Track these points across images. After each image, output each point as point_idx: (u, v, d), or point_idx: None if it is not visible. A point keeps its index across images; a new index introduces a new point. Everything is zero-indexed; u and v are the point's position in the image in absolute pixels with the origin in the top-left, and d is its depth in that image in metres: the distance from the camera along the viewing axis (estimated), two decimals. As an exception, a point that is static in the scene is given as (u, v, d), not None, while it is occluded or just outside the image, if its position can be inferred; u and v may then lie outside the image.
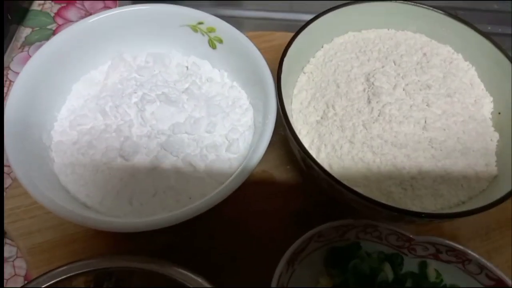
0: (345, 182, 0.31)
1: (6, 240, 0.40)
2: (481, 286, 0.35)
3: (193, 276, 0.32)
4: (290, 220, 0.40)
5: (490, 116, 0.38)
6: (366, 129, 0.34)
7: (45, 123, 0.36)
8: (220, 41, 0.40)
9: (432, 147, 0.34)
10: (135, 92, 0.36)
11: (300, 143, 0.32)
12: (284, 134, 0.45)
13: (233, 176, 0.31)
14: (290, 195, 0.42)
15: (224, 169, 0.35)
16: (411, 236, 0.35)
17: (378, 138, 0.34)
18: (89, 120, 0.36)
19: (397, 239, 0.35)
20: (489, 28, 0.64)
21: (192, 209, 0.29)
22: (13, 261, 0.38)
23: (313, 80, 0.39)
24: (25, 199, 0.39)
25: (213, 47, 0.41)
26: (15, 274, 0.38)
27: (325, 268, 0.36)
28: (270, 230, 0.39)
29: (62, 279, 0.31)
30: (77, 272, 0.31)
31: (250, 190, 0.42)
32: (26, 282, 0.35)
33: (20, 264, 0.38)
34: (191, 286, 0.31)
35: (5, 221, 0.38)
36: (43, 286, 0.31)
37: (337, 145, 0.34)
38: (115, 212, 0.33)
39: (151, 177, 0.34)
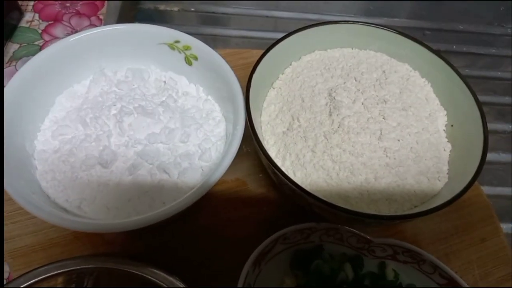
0: (307, 188, 0.33)
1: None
2: (435, 285, 0.37)
3: (167, 276, 0.34)
4: (262, 226, 0.43)
5: (444, 128, 0.42)
6: (327, 140, 0.37)
7: (29, 133, 0.38)
8: (196, 58, 0.43)
9: (386, 156, 0.37)
10: (114, 105, 0.39)
11: (265, 151, 0.35)
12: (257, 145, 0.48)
13: (202, 182, 0.34)
14: (262, 202, 0.44)
15: (197, 176, 0.37)
16: (369, 238, 0.37)
17: (337, 147, 0.37)
18: (70, 131, 0.38)
19: (357, 241, 0.38)
20: (454, 47, 0.69)
21: (164, 212, 0.32)
22: (-6, 265, 0.40)
23: (281, 94, 0.43)
24: (7, 206, 0.41)
25: (189, 63, 0.44)
26: (-4, 278, 0.39)
27: (290, 269, 0.38)
28: (243, 235, 0.41)
29: (40, 279, 0.33)
30: (55, 273, 0.33)
31: (224, 198, 0.44)
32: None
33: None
34: (165, 286, 0.33)
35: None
36: (22, 286, 0.33)
37: (301, 154, 0.37)
38: (92, 216, 0.35)
39: (128, 184, 0.36)
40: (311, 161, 0.37)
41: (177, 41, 0.42)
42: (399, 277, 0.38)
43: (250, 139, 0.41)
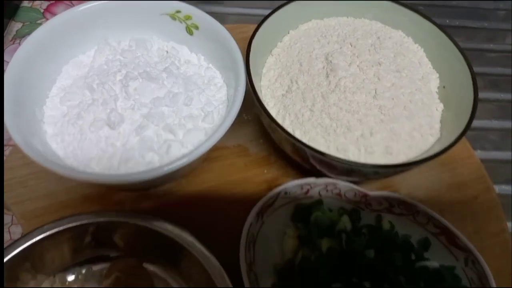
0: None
1: None
2: (429, 235, 0.39)
3: (175, 227, 0.35)
4: (263, 186, 0.45)
5: (437, 90, 0.43)
6: (324, 99, 0.39)
7: (38, 100, 0.40)
8: (196, 28, 0.44)
9: (381, 113, 0.39)
10: (120, 71, 0.40)
11: (266, 110, 0.37)
12: (257, 112, 0.50)
13: (205, 140, 0.35)
14: (263, 165, 0.46)
15: (200, 136, 0.39)
16: (366, 192, 0.39)
17: (334, 106, 0.38)
18: (77, 97, 0.40)
19: (355, 195, 0.40)
20: (447, 21, 0.70)
21: (172, 166, 0.33)
22: (9, 228, 0.42)
23: (280, 60, 0.44)
24: (18, 171, 0.43)
25: (190, 33, 0.45)
26: (11, 239, 0.41)
27: (291, 222, 0.40)
28: (244, 195, 0.43)
29: (54, 232, 0.35)
30: (68, 226, 0.35)
31: (226, 162, 0.46)
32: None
33: (15, 230, 0.42)
34: (177, 239, 0.35)
35: None
36: (36, 239, 0.34)
37: (299, 114, 0.39)
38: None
39: (135, 144, 0.37)
40: (310, 119, 0.38)
41: (178, 11, 0.44)
42: (394, 228, 0.39)
43: (250, 107, 0.43)
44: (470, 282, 0.37)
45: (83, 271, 0.38)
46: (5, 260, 0.33)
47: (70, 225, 0.35)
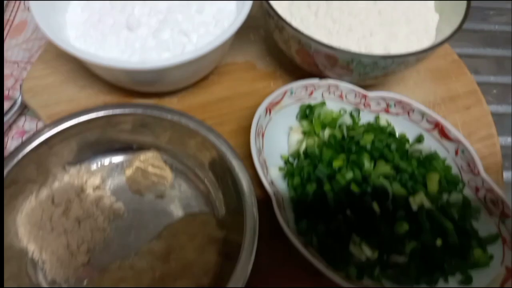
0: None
1: (26, 117, 0.47)
2: (423, 131, 0.42)
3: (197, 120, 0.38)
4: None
5: (433, 4, 0.46)
6: (328, 5, 0.42)
7: (60, 9, 0.43)
8: None
9: (381, 16, 0.41)
10: (135, -17, 0.43)
11: (273, 9, 0.40)
12: (264, 35, 0.53)
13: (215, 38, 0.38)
14: (269, 79, 0.49)
15: (212, 40, 0.42)
16: (365, 93, 0.42)
17: (337, 10, 0.41)
18: (98, 5, 0.43)
19: (355, 96, 0.43)
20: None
21: (186, 56, 0.37)
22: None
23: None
24: (44, 80, 0.46)
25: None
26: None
27: (297, 121, 0.43)
28: (252, 104, 0.46)
29: (82, 122, 0.38)
30: (89, 117, 0.38)
31: (235, 76, 0.49)
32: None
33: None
34: (194, 128, 0.38)
35: (26, 95, 0.45)
36: (71, 123, 0.37)
37: (305, 18, 0.42)
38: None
39: (152, 45, 0.40)
40: (314, 22, 0.41)
41: None
42: (391, 125, 0.43)
43: (257, 28, 0.45)
44: (459, 169, 0.41)
45: (106, 162, 0.41)
46: (33, 147, 0.36)
47: (92, 116, 0.38)
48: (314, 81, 0.42)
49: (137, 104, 0.39)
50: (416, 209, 0.36)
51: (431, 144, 0.42)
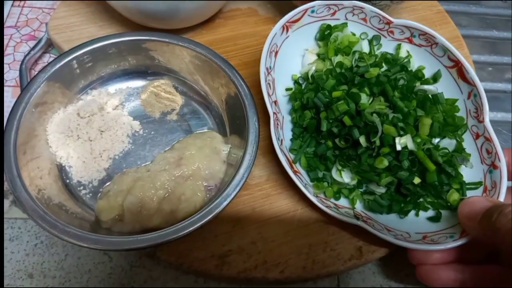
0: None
1: (50, 55, 0.52)
2: (442, 67, 0.43)
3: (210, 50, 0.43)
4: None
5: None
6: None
7: None
8: None
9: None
10: None
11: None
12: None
13: None
14: (271, 23, 0.53)
15: None
16: (390, 18, 0.43)
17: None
18: None
19: (379, 21, 0.44)
20: None
21: None
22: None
23: None
24: (64, 20, 0.51)
25: None
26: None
27: (314, 41, 0.45)
28: (257, 44, 0.51)
29: (102, 46, 0.43)
30: (107, 42, 0.42)
31: (240, 19, 0.54)
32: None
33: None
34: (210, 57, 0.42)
35: (52, 32, 0.49)
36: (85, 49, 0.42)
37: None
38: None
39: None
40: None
41: None
42: (411, 58, 0.44)
43: None
44: (468, 113, 0.41)
45: (124, 87, 0.46)
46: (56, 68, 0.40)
47: (111, 41, 0.42)
48: (339, 1, 0.42)
49: (153, 32, 0.43)
50: (399, 148, 0.36)
51: (447, 82, 0.43)
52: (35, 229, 0.41)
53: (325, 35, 0.44)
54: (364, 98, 0.39)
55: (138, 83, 0.46)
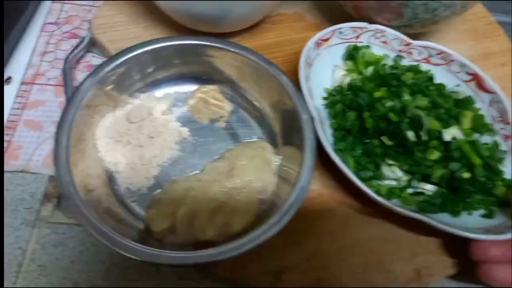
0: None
1: (93, 54, 0.51)
2: (460, 82, 0.45)
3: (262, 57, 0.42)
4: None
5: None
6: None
7: None
8: None
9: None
10: None
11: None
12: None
13: None
14: (317, 30, 0.50)
15: None
16: (410, 40, 0.45)
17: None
18: None
19: (400, 43, 0.46)
20: None
21: None
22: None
23: None
24: (108, 19, 0.49)
25: None
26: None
27: (342, 61, 0.47)
28: (301, 50, 0.50)
29: (153, 48, 0.41)
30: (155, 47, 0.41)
31: (287, 24, 0.53)
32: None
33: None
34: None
35: (96, 31, 0.48)
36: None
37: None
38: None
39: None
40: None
41: None
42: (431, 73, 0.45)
43: None
44: (492, 119, 0.43)
45: (171, 91, 0.45)
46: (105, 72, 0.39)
47: (161, 44, 0.41)
48: (363, 24, 0.45)
49: (205, 37, 0.42)
50: (449, 139, 0.37)
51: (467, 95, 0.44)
52: (80, 235, 0.40)
53: (351, 55, 0.46)
54: (406, 96, 0.41)
55: (185, 88, 0.45)
